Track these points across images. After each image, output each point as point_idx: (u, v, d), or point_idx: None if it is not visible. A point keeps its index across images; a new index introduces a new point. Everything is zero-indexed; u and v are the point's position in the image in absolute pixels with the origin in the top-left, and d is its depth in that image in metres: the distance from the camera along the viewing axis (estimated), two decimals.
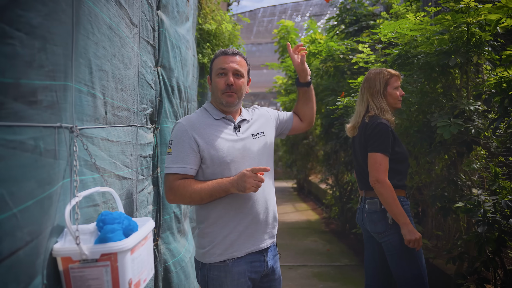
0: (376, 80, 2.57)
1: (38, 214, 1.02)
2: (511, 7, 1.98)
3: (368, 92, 2.58)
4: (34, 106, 1.00)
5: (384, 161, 2.41)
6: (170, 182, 1.85)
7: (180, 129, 1.89)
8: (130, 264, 1.15)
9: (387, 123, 2.48)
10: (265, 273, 1.98)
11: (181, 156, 1.84)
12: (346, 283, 4.28)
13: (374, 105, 2.55)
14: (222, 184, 1.81)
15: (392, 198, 2.36)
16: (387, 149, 2.42)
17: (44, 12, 1.03)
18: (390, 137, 2.44)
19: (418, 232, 2.33)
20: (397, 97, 2.58)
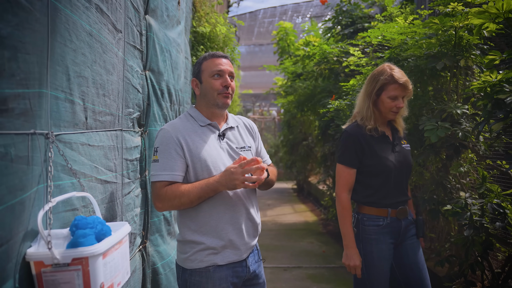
0: (373, 79, 2.29)
1: (9, 220, 1.04)
2: (493, 12, 2.00)
3: (364, 89, 2.35)
4: (4, 114, 1.02)
5: (344, 174, 2.27)
6: (157, 189, 1.85)
7: (165, 135, 1.89)
8: (102, 268, 1.17)
9: (352, 131, 2.29)
10: (247, 278, 1.99)
11: (168, 163, 1.84)
12: (340, 285, 4.29)
13: (359, 107, 2.36)
14: (210, 184, 1.81)
15: (341, 215, 2.25)
16: (348, 160, 2.27)
17: (15, 22, 1.05)
18: (353, 148, 2.26)
19: (357, 259, 2.19)
20: (390, 107, 2.25)
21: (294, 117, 9.38)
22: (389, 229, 2.27)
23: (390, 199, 2.28)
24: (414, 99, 3.23)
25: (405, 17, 4.25)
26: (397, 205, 2.29)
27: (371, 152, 2.26)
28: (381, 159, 2.25)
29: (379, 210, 2.28)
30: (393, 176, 2.27)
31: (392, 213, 2.27)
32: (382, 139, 2.30)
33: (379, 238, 2.26)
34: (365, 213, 2.30)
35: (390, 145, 2.32)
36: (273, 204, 9.18)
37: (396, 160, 2.28)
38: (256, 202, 2.05)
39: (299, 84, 6.65)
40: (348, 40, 5.10)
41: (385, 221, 2.27)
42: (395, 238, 2.30)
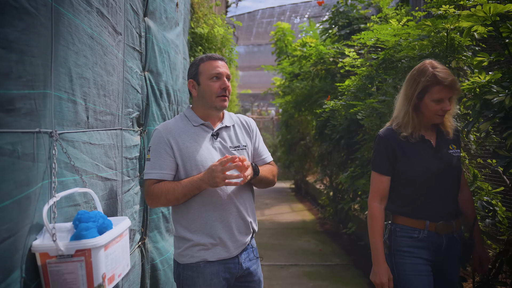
0: (414, 81, 2.03)
1: (16, 213, 1.10)
2: (481, 16, 2.06)
3: (403, 92, 2.09)
4: (12, 113, 1.09)
5: (375, 181, 2.09)
6: (147, 187, 1.94)
7: (157, 135, 1.97)
8: (103, 259, 1.24)
9: (384, 134, 2.09)
10: (241, 275, 2.03)
11: (158, 162, 1.92)
12: (335, 282, 4.36)
13: (397, 111, 2.11)
14: (194, 182, 1.87)
15: (370, 226, 2.06)
16: (379, 166, 2.08)
17: (21, 27, 1.11)
18: (385, 153, 2.06)
19: (385, 276, 1.97)
20: (435, 111, 1.99)
21: (292, 117, 9.45)
22: (425, 243, 2.01)
23: (429, 210, 2.02)
24: None
25: (400, 18, 4.33)
26: (439, 218, 2.02)
27: (404, 157, 2.04)
28: (415, 164, 2.02)
29: (415, 221, 2.03)
30: (433, 185, 2.01)
31: (430, 226, 2.01)
32: (420, 143, 2.05)
33: (413, 251, 2.01)
34: (399, 223, 2.06)
35: (431, 150, 2.05)
36: (271, 203, 9.25)
37: (438, 167, 2.02)
38: (249, 200, 2.08)
39: (296, 84, 6.72)
40: (345, 41, 5.17)
41: (421, 234, 2.01)
42: (433, 255, 2.04)
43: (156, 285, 2.65)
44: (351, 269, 4.78)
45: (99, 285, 1.23)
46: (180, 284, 2.00)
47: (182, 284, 1.99)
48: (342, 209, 5.79)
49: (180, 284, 2.00)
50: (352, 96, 3.75)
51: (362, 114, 3.48)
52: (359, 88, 3.70)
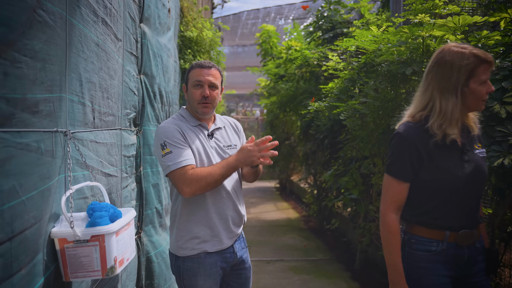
0: (453, 67, 1.69)
1: (40, 202, 1.26)
2: (451, 26, 2.27)
3: (437, 83, 1.74)
4: (36, 115, 1.24)
5: (393, 188, 1.78)
6: (182, 176, 1.93)
7: (168, 130, 2.02)
8: (115, 244, 1.40)
9: (408, 134, 1.76)
10: (235, 263, 2.20)
11: (182, 152, 1.98)
12: (319, 276, 4.55)
13: (438, 107, 1.73)
14: (230, 163, 1.98)
15: (386, 241, 1.78)
16: (399, 171, 1.77)
17: (44, 38, 1.27)
18: (407, 156, 1.75)
19: None
20: (482, 96, 1.71)
21: (277, 118, 9.63)
22: (444, 257, 1.77)
23: (450, 219, 1.77)
24: (387, 101, 3.50)
25: (380, 23, 4.54)
26: (460, 228, 1.77)
27: (432, 163, 1.75)
28: (444, 173, 1.74)
29: (433, 232, 1.78)
30: (459, 192, 1.75)
31: (450, 236, 1.76)
32: (448, 145, 1.75)
33: (429, 267, 1.77)
34: (415, 234, 1.81)
35: (458, 153, 1.77)
36: (256, 202, 9.41)
37: (465, 173, 1.75)
38: (241, 194, 2.25)
39: (281, 86, 6.90)
40: (328, 45, 5.37)
41: (440, 246, 1.77)
42: (454, 270, 1.79)
43: (151, 276, 2.80)
44: (334, 264, 4.98)
45: (111, 267, 1.39)
46: (180, 276, 2.11)
47: (183, 275, 2.10)
48: (326, 206, 5.99)
49: (181, 275, 2.11)
50: (335, 98, 3.95)
51: (344, 115, 3.68)
52: (342, 90, 3.90)
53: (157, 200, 2.96)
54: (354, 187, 4.05)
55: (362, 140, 3.73)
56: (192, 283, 2.09)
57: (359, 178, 4.07)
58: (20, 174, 1.13)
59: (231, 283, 2.24)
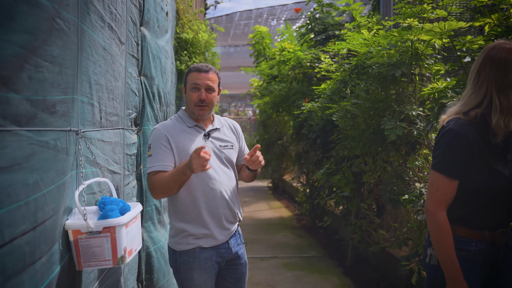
0: (508, 64, 1.69)
1: (57, 196, 1.36)
2: (437, 31, 2.40)
3: (493, 80, 1.71)
4: (54, 115, 1.34)
5: (444, 186, 1.75)
6: (148, 179, 2.13)
7: (156, 133, 2.19)
8: (125, 235, 1.50)
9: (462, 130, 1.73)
10: (230, 258, 2.30)
11: (159, 156, 2.13)
12: (312, 272, 4.68)
13: (498, 103, 1.69)
14: (180, 168, 2.04)
15: (439, 240, 1.75)
16: (450, 168, 1.74)
17: (61, 44, 1.37)
18: (461, 153, 1.73)
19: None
20: None
21: (269, 118, 9.74)
22: (481, 257, 1.77)
23: (489, 219, 1.77)
24: (377, 102, 3.63)
25: (371, 26, 4.67)
26: (497, 227, 1.77)
27: (483, 162, 1.74)
28: (491, 172, 1.73)
29: (472, 231, 1.77)
30: (502, 192, 1.75)
31: (488, 236, 1.76)
32: (494, 145, 1.75)
33: (465, 266, 1.75)
34: (453, 233, 1.77)
35: (502, 152, 1.76)
36: (249, 201, 9.52)
37: (508, 173, 1.75)
38: (236, 193, 2.34)
39: (274, 86, 7.02)
40: (321, 47, 5.49)
41: (479, 246, 1.76)
42: (488, 269, 1.81)
43: (151, 271, 2.90)
44: (326, 260, 5.11)
45: (121, 257, 1.49)
46: (177, 269, 2.23)
47: (179, 269, 2.22)
48: (318, 204, 6.12)
49: (177, 268, 2.23)
50: (328, 98, 4.07)
51: (337, 115, 3.80)
52: (334, 92, 4.03)
53: None
54: (346, 185, 4.18)
55: (353, 139, 3.85)
56: (188, 276, 2.20)
57: (351, 176, 4.19)
58: (41, 170, 1.23)
59: (227, 278, 2.34)
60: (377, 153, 3.83)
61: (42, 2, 1.19)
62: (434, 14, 3.25)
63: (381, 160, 3.83)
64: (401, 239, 3.42)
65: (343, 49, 3.62)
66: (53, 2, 1.27)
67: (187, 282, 2.21)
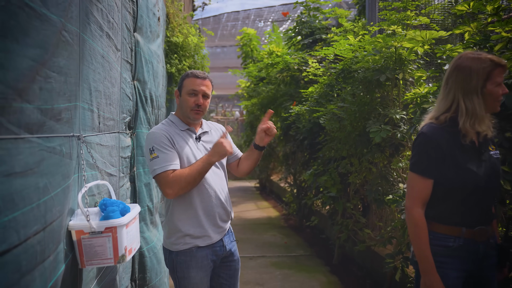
0: (472, 71, 1.86)
1: (63, 199, 1.44)
2: (419, 40, 2.52)
3: (459, 86, 1.89)
4: (59, 122, 1.42)
5: (418, 185, 1.91)
6: (165, 178, 2.13)
7: (156, 136, 2.23)
8: (125, 235, 1.59)
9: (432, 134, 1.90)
10: (224, 255, 2.40)
11: (167, 156, 2.17)
12: (300, 270, 4.79)
13: (464, 107, 1.87)
14: (205, 160, 2.18)
15: (414, 235, 1.90)
16: (423, 169, 1.90)
17: (66, 55, 1.45)
18: (431, 154, 1.88)
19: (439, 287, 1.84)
20: (498, 97, 1.87)
21: (257, 119, 9.82)
22: (461, 252, 1.90)
23: (466, 216, 1.90)
24: (363, 105, 3.76)
25: (357, 30, 4.81)
26: (476, 224, 1.90)
27: (454, 162, 1.88)
28: (463, 172, 1.87)
29: (450, 228, 1.90)
30: (476, 191, 1.88)
31: (466, 233, 1.89)
32: (468, 146, 1.90)
33: (446, 261, 1.90)
34: (432, 230, 1.92)
35: (476, 153, 1.91)
36: (237, 201, 9.61)
37: (483, 172, 1.89)
38: (227, 192, 2.44)
39: (262, 88, 7.12)
40: (308, 50, 5.61)
41: (457, 242, 1.89)
42: (469, 265, 1.92)
43: (144, 270, 2.98)
44: (313, 259, 5.23)
45: (122, 255, 1.58)
46: (174, 268, 2.30)
47: (177, 268, 2.29)
48: (306, 204, 6.24)
49: (174, 268, 2.30)
50: (315, 102, 4.19)
51: (324, 118, 3.92)
52: (321, 95, 4.15)
53: (148, 198, 3.14)
54: (332, 186, 4.30)
55: (340, 141, 3.97)
56: (185, 275, 2.28)
57: (337, 177, 4.31)
58: (49, 174, 1.31)
59: (221, 275, 2.43)
60: (362, 154, 3.95)
61: (51, 17, 1.27)
62: (417, 21, 3.38)
63: (367, 161, 3.96)
64: (385, 238, 3.55)
65: (330, 54, 3.73)
66: (60, 16, 1.35)
67: (184, 280, 2.29)
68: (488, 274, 1.95)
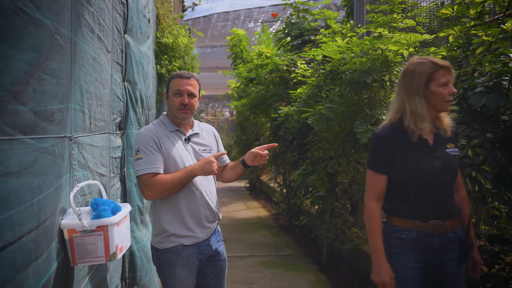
0: (415, 74, 2.00)
1: (55, 198, 1.48)
2: (404, 43, 2.59)
3: (405, 89, 2.04)
4: (52, 123, 1.46)
5: (373, 180, 2.06)
6: (145, 181, 2.17)
7: (143, 137, 2.27)
8: (116, 234, 1.63)
9: (383, 134, 2.06)
10: (210, 255, 2.43)
11: (151, 158, 2.22)
12: (289, 269, 4.85)
13: (408, 108, 2.02)
14: (189, 171, 2.23)
15: (368, 226, 2.04)
16: (377, 165, 2.06)
17: (58, 58, 1.49)
18: (383, 152, 2.04)
19: (386, 275, 1.97)
20: (444, 97, 1.98)
21: (247, 119, 9.89)
22: (414, 244, 2.01)
23: (420, 210, 2.01)
24: (350, 106, 3.82)
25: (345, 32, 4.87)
26: (430, 218, 2.00)
27: (403, 158, 2.02)
28: (412, 167, 2.01)
29: (404, 221, 2.03)
30: (427, 185, 2.00)
31: (420, 226, 2.00)
32: (419, 144, 2.03)
33: (401, 252, 2.02)
34: (390, 223, 2.08)
35: (428, 150, 2.03)
36: (227, 201, 9.65)
37: (434, 168, 2.01)
38: (215, 194, 2.49)
39: (252, 89, 7.18)
40: (297, 51, 5.67)
41: (410, 234, 2.01)
42: (424, 257, 2.02)
43: (134, 269, 3.02)
44: (303, 258, 5.29)
45: (113, 253, 1.62)
46: (160, 266, 2.35)
47: (163, 266, 2.34)
48: (295, 204, 6.30)
49: (161, 266, 2.34)
50: (304, 102, 4.25)
51: (312, 118, 3.98)
52: (309, 96, 4.21)
53: (138, 198, 3.17)
54: (321, 186, 4.36)
55: (328, 141, 4.03)
56: (170, 272, 2.32)
57: (326, 177, 4.38)
58: (43, 174, 1.35)
59: (208, 273, 2.47)
60: (350, 154, 4.02)
61: (45, 21, 1.31)
62: (403, 24, 3.46)
63: (354, 161, 4.03)
64: None
65: (319, 55, 3.79)
66: (53, 20, 1.39)
67: (170, 278, 2.33)
68: (452, 269, 2.03)
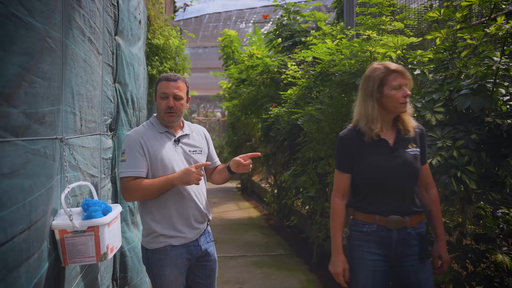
0: (370, 79, 2.12)
1: (46, 199, 1.50)
2: (391, 46, 2.63)
3: (362, 93, 2.17)
4: (43, 125, 1.48)
5: (337, 178, 2.22)
6: (125, 183, 2.24)
7: (130, 139, 2.30)
8: (107, 234, 1.65)
9: (344, 135, 2.20)
10: (200, 255, 2.45)
11: (133, 162, 2.26)
12: (280, 269, 4.88)
13: (363, 110, 2.14)
14: (169, 180, 2.24)
15: (331, 220, 2.22)
16: (340, 165, 2.21)
17: (49, 61, 1.51)
18: (344, 152, 2.19)
19: (339, 267, 2.14)
20: (398, 100, 2.06)
21: (238, 120, 9.91)
22: (374, 237, 2.12)
23: (380, 205, 2.13)
24: (340, 107, 3.86)
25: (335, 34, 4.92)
26: (389, 213, 2.10)
27: (360, 158, 2.14)
28: (371, 166, 2.13)
29: (366, 215, 2.15)
30: (386, 182, 2.11)
31: (380, 220, 2.11)
32: (377, 144, 2.14)
33: (362, 244, 2.14)
34: (354, 217, 2.21)
35: (386, 149, 2.13)
36: (219, 202, 9.67)
37: (392, 166, 2.11)
38: (204, 195, 2.50)
39: (243, 90, 7.21)
40: (288, 52, 5.71)
41: (370, 228, 2.12)
42: (385, 249, 2.13)
43: (125, 270, 3.03)
44: (293, 258, 5.32)
45: (104, 253, 1.64)
46: (149, 266, 2.37)
47: (152, 266, 2.36)
48: (286, 204, 6.34)
49: (150, 266, 2.37)
50: (294, 104, 4.29)
51: (302, 119, 4.02)
52: (300, 97, 4.25)
53: None
54: (311, 186, 4.40)
55: (318, 142, 4.07)
56: (159, 272, 2.34)
57: (316, 177, 4.42)
58: (34, 175, 1.37)
59: (197, 274, 2.49)
60: None
61: (36, 25, 1.33)
62: (392, 26, 3.50)
63: None
64: None
65: (309, 56, 3.83)
66: (44, 24, 1.41)
67: (159, 278, 2.35)
68: (413, 264, 2.12)
